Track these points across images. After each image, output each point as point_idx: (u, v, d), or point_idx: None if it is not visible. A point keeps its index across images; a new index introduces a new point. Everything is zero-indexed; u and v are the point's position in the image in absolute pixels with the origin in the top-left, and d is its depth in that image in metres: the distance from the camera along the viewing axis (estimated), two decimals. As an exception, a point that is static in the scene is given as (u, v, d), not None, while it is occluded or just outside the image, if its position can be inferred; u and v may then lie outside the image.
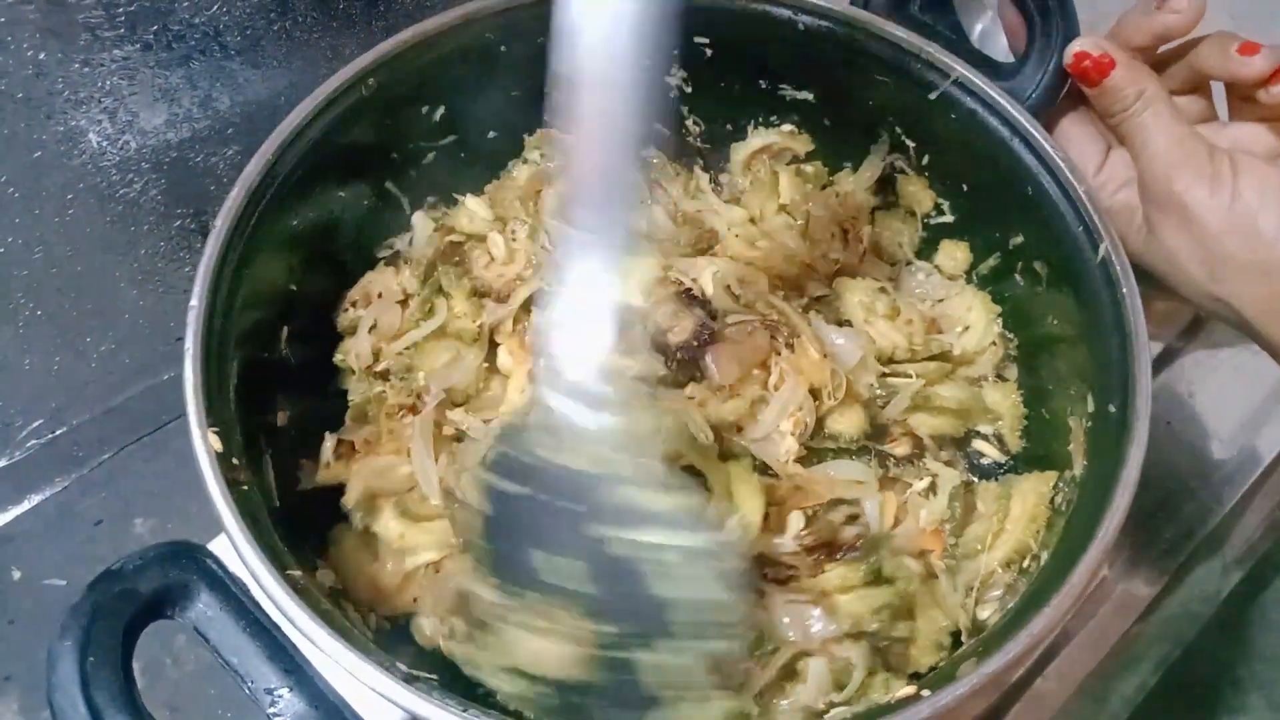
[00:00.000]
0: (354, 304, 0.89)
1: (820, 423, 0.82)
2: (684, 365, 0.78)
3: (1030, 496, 0.78)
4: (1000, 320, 0.90)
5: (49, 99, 0.82)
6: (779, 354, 0.79)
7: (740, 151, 1.01)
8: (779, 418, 0.77)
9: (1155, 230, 0.81)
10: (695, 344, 0.77)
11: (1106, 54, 0.81)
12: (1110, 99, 0.81)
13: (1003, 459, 0.89)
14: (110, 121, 0.87)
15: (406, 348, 0.84)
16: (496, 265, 0.86)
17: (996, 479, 0.85)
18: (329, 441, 0.81)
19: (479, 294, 0.86)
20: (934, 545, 0.78)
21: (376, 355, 0.86)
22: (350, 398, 0.86)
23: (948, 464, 0.84)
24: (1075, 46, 0.82)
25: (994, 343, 0.89)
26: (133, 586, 0.59)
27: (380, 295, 0.88)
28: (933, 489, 0.82)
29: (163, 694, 0.91)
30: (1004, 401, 0.87)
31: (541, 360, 0.60)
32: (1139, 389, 0.70)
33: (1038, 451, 0.86)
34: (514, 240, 0.88)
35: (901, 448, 0.82)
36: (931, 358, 0.86)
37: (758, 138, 1.00)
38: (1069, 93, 0.87)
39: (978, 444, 0.89)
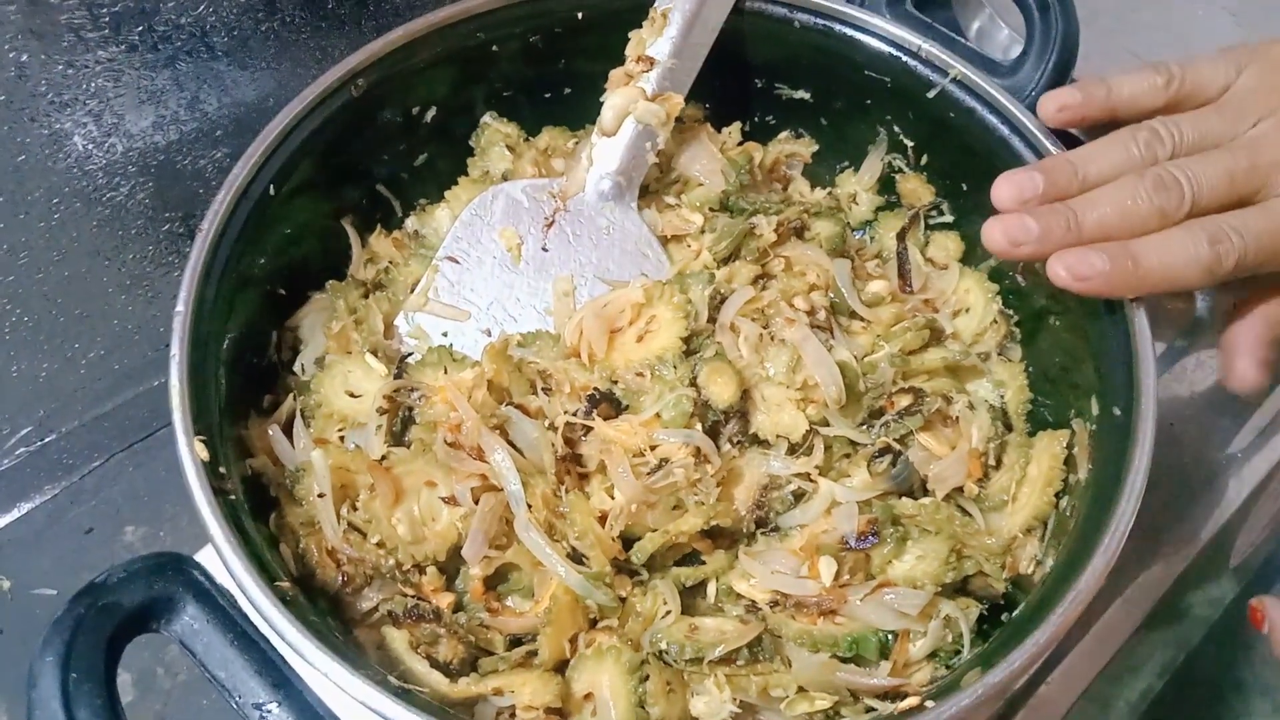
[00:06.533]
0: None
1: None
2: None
3: (1044, 457, 0.78)
4: (999, 298, 0.89)
5: (32, 101, 0.80)
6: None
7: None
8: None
9: None
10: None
11: None
12: None
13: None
14: (96, 124, 0.85)
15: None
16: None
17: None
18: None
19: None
20: (976, 470, 0.79)
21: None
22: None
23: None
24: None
25: (994, 321, 0.88)
26: (116, 599, 0.58)
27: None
28: (970, 405, 0.82)
29: (154, 705, 0.90)
30: (1011, 381, 0.87)
31: None
32: (1144, 391, 0.69)
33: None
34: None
35: (904, 399, 0.81)
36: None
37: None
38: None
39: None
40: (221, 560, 0.60)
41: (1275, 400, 1.03)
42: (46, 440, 1.01)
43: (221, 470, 0.66)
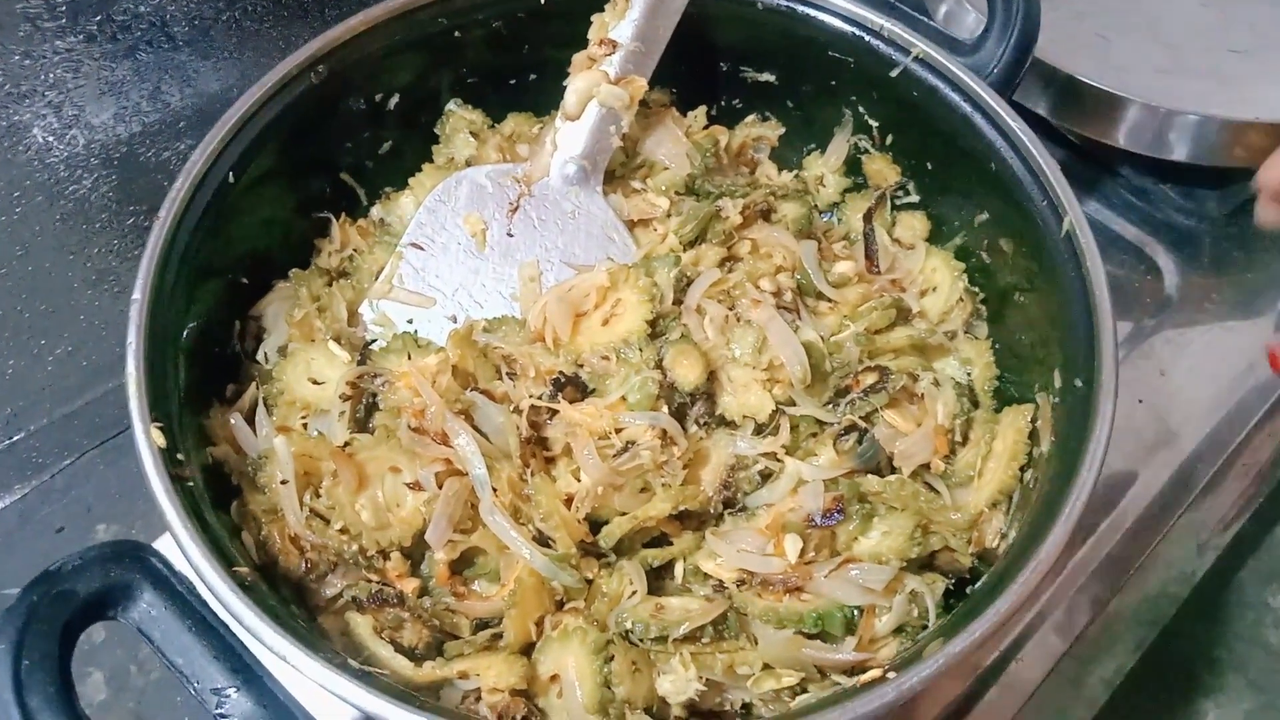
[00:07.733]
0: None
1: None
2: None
3: (1009, 432, 0.78)
4: (965, 276, 0.89)
5: (-11, 93, 0.80)
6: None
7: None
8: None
9: None
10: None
11: None
12: None
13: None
14: (55, 116, 0.85)
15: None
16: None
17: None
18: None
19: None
20: (942, 446, 0.79)
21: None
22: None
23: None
24: None
25: (961, 299, 0.88)
26: (71, 587, 0.57)
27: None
28: (935, 382, 0.82)
29: (128, 703, 0.89)
30: (977, 358, 0.86)
31: None
32: (1105, 363, 0.69)
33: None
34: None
35: (869, 377, 0.80)
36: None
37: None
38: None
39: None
40: (178, 546, 0.60)
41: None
42: (15, 439, 1.01)
43: (180, 457, 0.65)
